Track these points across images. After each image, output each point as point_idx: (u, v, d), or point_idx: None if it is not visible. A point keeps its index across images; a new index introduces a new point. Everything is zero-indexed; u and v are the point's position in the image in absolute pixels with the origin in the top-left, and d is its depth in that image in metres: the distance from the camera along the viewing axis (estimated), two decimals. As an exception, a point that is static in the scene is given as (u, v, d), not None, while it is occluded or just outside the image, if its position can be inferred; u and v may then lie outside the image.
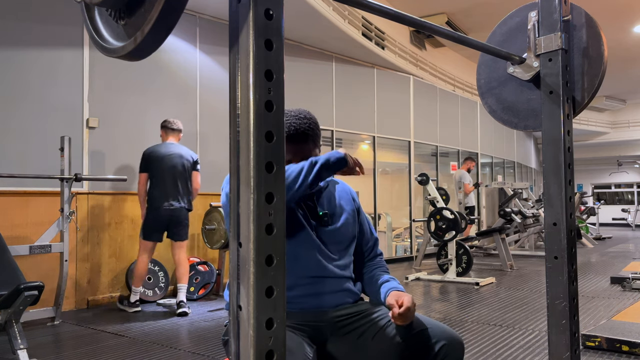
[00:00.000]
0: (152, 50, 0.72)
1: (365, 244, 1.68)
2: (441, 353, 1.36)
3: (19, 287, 2.73)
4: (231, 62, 0.74)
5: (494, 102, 1.63)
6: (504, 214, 7.84)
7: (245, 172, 0.72)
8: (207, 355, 3.05)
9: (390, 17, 1.11)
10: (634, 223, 16.68)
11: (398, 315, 1.38)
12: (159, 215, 4.21)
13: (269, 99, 0.72)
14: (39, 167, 4.22)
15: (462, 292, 5.16)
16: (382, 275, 1.62)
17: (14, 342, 2.76)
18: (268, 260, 0.71)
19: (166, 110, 5.18)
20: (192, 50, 5.46)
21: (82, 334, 3.59)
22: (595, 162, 19.42)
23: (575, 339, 1.35)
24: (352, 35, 6.56)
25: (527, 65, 1.48)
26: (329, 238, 1.55)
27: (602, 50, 1.41)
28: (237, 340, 0.73)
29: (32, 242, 3.94)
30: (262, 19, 0.71)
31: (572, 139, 1.40)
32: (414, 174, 7.90)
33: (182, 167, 4.29)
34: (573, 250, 1.37)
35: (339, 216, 1.60)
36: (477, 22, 8.55)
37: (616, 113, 16.40)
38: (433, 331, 1.39)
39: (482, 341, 3.30)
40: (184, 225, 4.32)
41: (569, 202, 1.36)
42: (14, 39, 4.24)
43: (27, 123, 4.26)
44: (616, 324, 3.33)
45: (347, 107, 7.34)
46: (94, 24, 0.81)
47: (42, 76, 4.37)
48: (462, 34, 1.31)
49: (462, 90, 10.43)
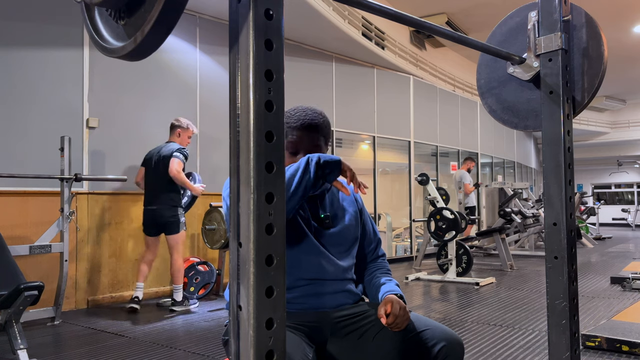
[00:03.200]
0: (152, 50, 0.72)
1: (367, 245, 1.68)
2: (441, 354, 1.36)
3: (19, 287, 2.73)
4: (231, 62, 0.74)
5: (494, 102, 1.63)
6: (504, 214, 7.84)
7: (245, 172, 0.72)
8: (207, 355, 3.05)
9: (390, 17, 1.11)
10: (634, 223, 16.69)
11: (387, 325, 1.38)
12: (144, 214, 4.41)
13: (269, 99, 0.72)
14: (39, 167, 4.22)
15: (462, 292, 5.16)
16: (381, 278, 1.61)
17: (14, 342, 2.76)
18: (268, 260, 0.71)
19: (166, 110, 5.18)
20: (192, 50, 5.46)
21: (82, 334, 3.59)
22: (595, 162, 19.42)
23: (575, 339, 1.35)
24: (352, 35, 6.56)
25: (527, 65, 1.48)
26: (330, 240, 1.54)
27: (602, 50, 1.41)
28: (237, 340, 0.73)
29: (32, 242, 3.94)
30: (262, 19, 0.71)
31: (572, 139, 1.40)
32: (414, 174, 7.91)
33: (162, 166, 4.28)
34: (573, 250, 1.37)
35: (341, 218, 1.59)
36: (477, 22, 8.55)
37: (616, 113, 16.40)
38: (433, 332, 1.39)
39: (482, 341, 3.30)
40: (164, 224, 4.30)
41: (569, 202, 1.36)
42: (14, 39, 4.24)
43: (27, 123, 4.26)
44: (616, 324, 3.33)
45: (347, 107, 7.34)
46: (94, 24, 0.81)
47: (42, 76, 4.37)
48: (462, 34, 1.31)
49: (462, 90, 10.44)
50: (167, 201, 4.32)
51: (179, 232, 4.33)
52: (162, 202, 4.30)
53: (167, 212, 4.30)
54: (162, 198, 4.31)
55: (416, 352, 1.39)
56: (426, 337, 1.38)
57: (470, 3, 7.84)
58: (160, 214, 4.29)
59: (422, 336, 1.39)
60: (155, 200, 4.31)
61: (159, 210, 4.29)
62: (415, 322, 1.43)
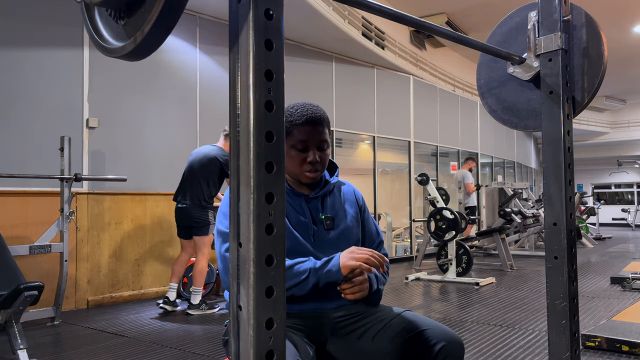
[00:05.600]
0: (152, 50, 0.72)
1: (368, 245, 1.67)
2: (441, 354, 1.36)
3: (19, 287, 2.73)
4: (231, 62, 0.74)
5: (494, 102, 1.63)
6: (504, 214, 7.84)
7: (245, 172, 0.72)
8: (207, 355, 3.05)
9: (390, 17, 1.11)
10: (634, 223, 16.68)
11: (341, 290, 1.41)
12: (175, 212, 4.31)
13: (269, 99, 0.72)
14: (39, 167, 4.22)
15: (462, 292, 5.16)
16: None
17: (14, 342, 2.76)
18: (268, 260, 0.71)
19: (166, 110, 5.18)
20: (192, 50, 5.46)
21: (82, 334, 3.59)
22: (595, 162, 19.42)
23: (575, 339, 1.35)
24: (352, 35, 6.56)
25: (527, 65, 1.48)
26: (331, 242, 1.54)
27: (602, 50, 1.41)
28: (237, 340, 0.73)
29: (32, 242, 3.94)
30: (262, 19, 0.71)
31: (572, 139, 1.40)
32: (414, 174, 7.91)
33: (203, 165, 4.21)
34: (573, 250, 1.37)
35: (341, 219, 1.58)
36: (477, 22, 8.55)
37: (616, 113, 16.40)
38: (433, 332, 1.39)
39: (482, 341, 3.30)
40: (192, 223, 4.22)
41: (569, 202, 1.36)
42: (14, 39, 4.24)
43: (27, 123, 4.26)
44: (616, 324, 3.33)
45: (347, 107, 7.34)
46: (94, 24, 0.81)
47: (42, 76, 4.37)
48: (462, 34, 1.31)
49: (462, 90, 10.44)
50: (199, 201, 4.24)
51: (208, 234, 4.25)
52: (193, 201, 4.22)
53: (197, 212, 4.23)
54: (194, 197, 4.23)
55: (416, 352, 1.39)
56: (426, 337, 1.38)
57: (470, 3, 7.84)
58: (190, 212, 4.21)
59: (422, 336, 1.39)
60: (185, 199, 4.23)
61: (188, 209, 4.21)
62: (415, 321, 1.43)
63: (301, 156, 1.48)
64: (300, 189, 1.56)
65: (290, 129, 1.48)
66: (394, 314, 1.49)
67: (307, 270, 1.40)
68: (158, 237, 5.02)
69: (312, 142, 1.48)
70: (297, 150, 1.48)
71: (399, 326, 1.43)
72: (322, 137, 1.50)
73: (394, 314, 1.49)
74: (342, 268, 1.41)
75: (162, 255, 5.03)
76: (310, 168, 1.49)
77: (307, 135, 1.47)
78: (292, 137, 1.47)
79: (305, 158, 1.49)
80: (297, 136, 1.47)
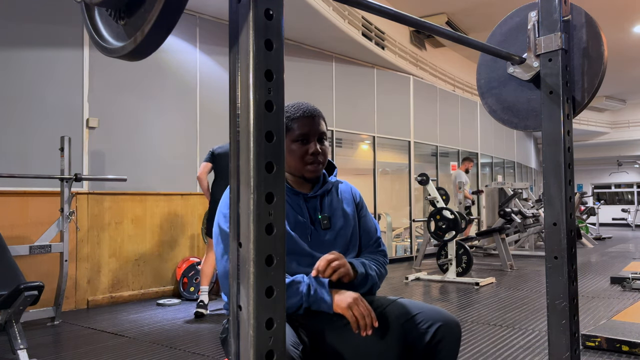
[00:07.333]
0: (152, 50, 0.72)
1: (366, 241, 1.65)
2: (438, 335, 1.36)
3: (19, 287, 2.73)
4: (231, 62, 0.74)
5: (494, 102, 1.63)
6: (504, 214, 7.84)
7: (245, 172, 0.72)
8: (207, 355, 3.05)
9: (390, 17, 1.11)
10: (634, 223, 16.68)
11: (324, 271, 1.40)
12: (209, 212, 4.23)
13: (269, 99, 0.72)
14: (39, 167, 4.22)
15: (462, 292, 5.16)
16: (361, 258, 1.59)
17: (14, 342, 2.76)
18: (268, 260, 0.71)
19: (166, 110, 5.18)
20: (192, 50, 5.46)
21: (82, 334, 3.59)
22: (595, 162, 19.42)
23: (575, 339, 1.35)
24: (352, 35, 6.56)
25: (527, 65, 1.48)
26: (328, 241, 1.54)
27: (602, 50, 1.41)
28: (237, 340, 0.73)
29: (32, 242, 3.94)
30: (262, 19, 0.71)
31: (572, 139, 1.40)
32: (414, 174, 7.91)
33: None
34: (573, 250, 1.37)
35: (339, 218, 1.58)
36: (477, 22, 8.55)
37: (616, 113, 16.40)
38: (428, 314, 1.39)
39: (482, 341, 3.29)
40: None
41: (569, 202, 1.36)
42: (14, 39, 4.24)
43: (27, 123, 4.26)
44: (616, 324, 3.33)
45: (347, 107, 7.34)
46: (94, 24, 0.81)
47: (42, 76, 4.37)
48: (462, 34, 1.31)
49: (462, 90, 10.44)
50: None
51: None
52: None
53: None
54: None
55: (413, 336, 1.38)
56: (422, 319, 1.38)
57: (470, 3, 7.84)
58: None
59: (418, 319, 1.39)
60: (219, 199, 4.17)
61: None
62: (409, 306, 1.43)
63: (303, 149, 1.49)
64: (300, 188, 1.56)
65: (289, 124, 1.49)
66: (388, 301, 1.50)
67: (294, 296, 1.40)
68: (158, 237, 5.03)
69: (313, 133, 1.50)
70: (299, 143, 1.49)
71: (395, 312, 1.44)
72: (322, 129, 1.52)
73: (388, 301, 1.50)
74: (335, 306, 1.39)
75: (162, 255, 5.03)
76: (312, 160, 1.50)
77: (307, 127, 1.49)
78: (292, 131, 1.49)
79: (307, 150, 1.49)
80: (297, 130, 1.48)
